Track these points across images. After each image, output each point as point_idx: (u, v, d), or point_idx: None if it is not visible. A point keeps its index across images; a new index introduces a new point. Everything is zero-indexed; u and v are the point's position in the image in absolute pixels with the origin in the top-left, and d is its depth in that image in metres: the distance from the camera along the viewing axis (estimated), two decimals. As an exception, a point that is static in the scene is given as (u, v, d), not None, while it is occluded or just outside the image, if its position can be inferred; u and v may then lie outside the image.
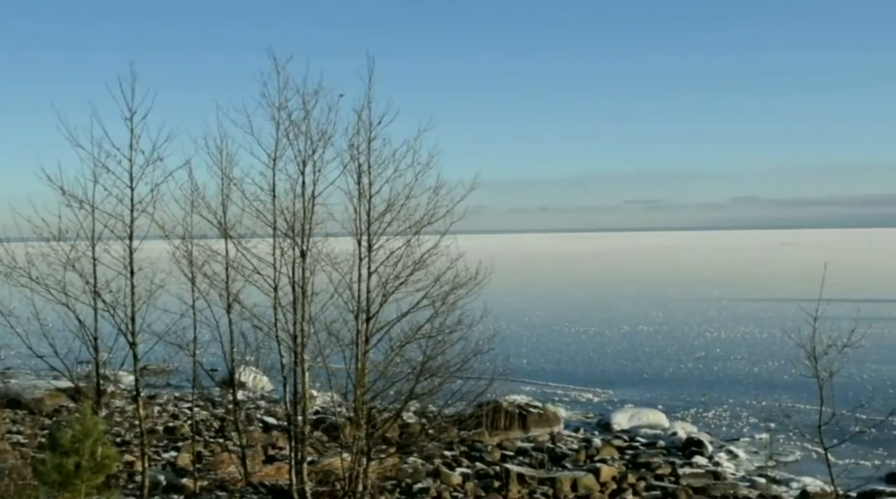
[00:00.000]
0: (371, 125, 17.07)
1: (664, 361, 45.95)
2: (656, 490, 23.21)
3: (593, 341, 53.48)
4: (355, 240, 17.57)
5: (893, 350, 47.42)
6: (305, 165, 17.48)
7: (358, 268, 17.53)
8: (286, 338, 18.12)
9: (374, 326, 17.63)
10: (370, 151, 17.20)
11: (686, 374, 42.22)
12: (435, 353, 17.72)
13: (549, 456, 26.37)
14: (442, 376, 17.91)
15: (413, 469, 23.30)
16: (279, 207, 17.77)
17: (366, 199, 17.33)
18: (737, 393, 36.86)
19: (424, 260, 17.49)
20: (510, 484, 22.32)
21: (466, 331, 18.02)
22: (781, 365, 40.81)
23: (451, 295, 17.61)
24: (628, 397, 36.64)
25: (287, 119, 17.42)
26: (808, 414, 26.38)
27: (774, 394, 34.27)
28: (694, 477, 24.62)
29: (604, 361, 46.33)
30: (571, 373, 42.71)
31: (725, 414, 33.58)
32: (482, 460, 25.99)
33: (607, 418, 32.32)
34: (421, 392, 18.19)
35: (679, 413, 33.71)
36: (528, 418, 30.86)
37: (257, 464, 22.40)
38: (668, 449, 28.48)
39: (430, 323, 17.63)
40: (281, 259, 17.95)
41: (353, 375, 17.74)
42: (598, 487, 22.99)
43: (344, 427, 19.82)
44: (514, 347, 45.93)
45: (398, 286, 17.53)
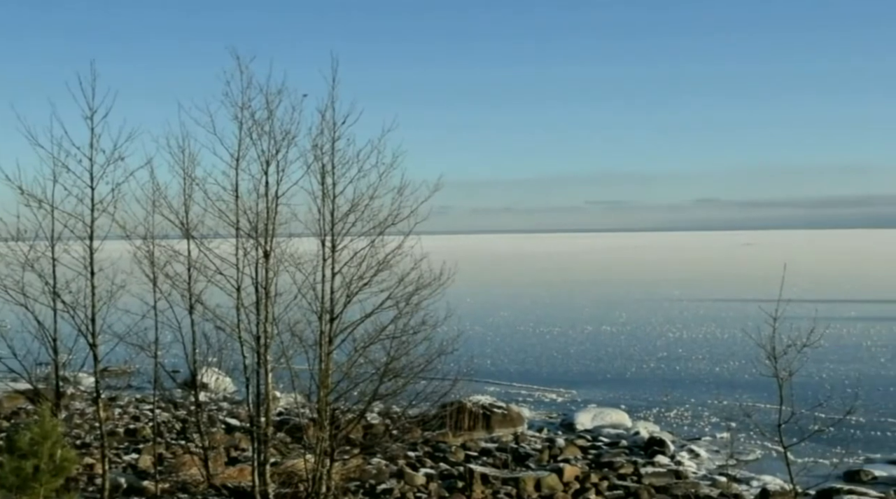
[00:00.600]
0: (335, 125, 17.02)
1: (627, 361, 46.26)
2: (619, 490, 23.35)
3: (557, 342, 53.71)
4: (319, 240, 17.50)
5: (851, 350, 48.12)
6: (269, 165, 17.38)
7: (322, 268, 17.46)
8: (249, 339, 18.00)
9: (337, 326, 17.57)
10: (334, 152, 17.15)
11: (648, 374, 42.54)
12: (399, 353, 17.70)
13: (513, 456, 26.44)
14: (406, 376, 17.89)
15: (377, 470, 23.25)
16: (242, 207, 17.65)
17: (329, 199, 17.27)
18: (698, 393, 37.20)
19: (388, 261, 17.47)
20: (474, 484, 22.35)
21: (430, 332, 18.02)
22: (742, 365, 41.24)
23: (415, 296, 17.60)
24: (591, 396, 36.84)
25: (250, 119, 17.32)
26: (768, 413, 26.67)
27: (735, 393, 34.63)
28: (656, 476, 24.81)
29: (567, 361, 46.55)
30: (535, 373, 42.87)
31: (687, 413, 33.87)
32: (446, 461, 26.00)
33: (571, 418, 32.47)
34: (385, 393, 18.16)
35: (641, 413, 33.95)
36: (491, 419, 30.93)
37: (220, 466, 22.24)
38: (630, 448, 28.68)
39: (394, 324, 17.61)
40: (244, 260, 17.83)
41: (317, 376, 17.66)
42: (562, 486, 23.08)
43: (307, 428, 19.74)
44: (478, 348, 46.03)
45: (362, 287, 17.48)
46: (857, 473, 25.26)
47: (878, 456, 27.46)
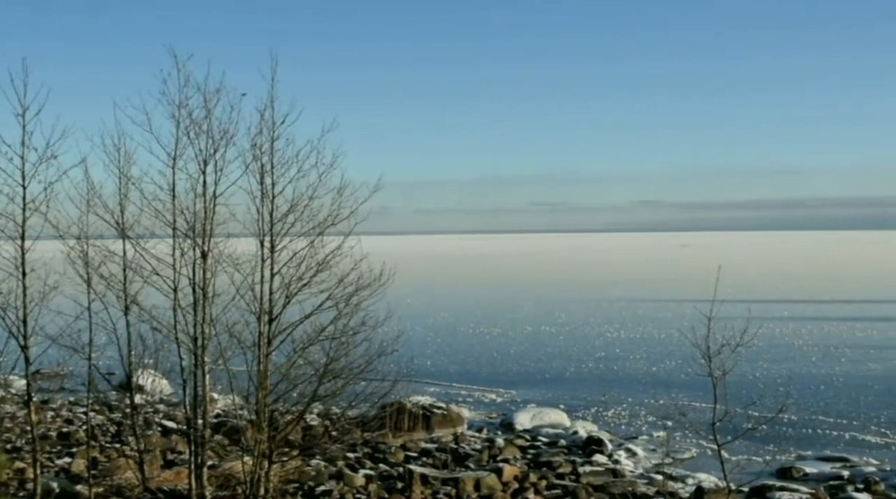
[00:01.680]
0: (274, 125, 16.88)
1: (566, 361, 46.66)
2: (557, 489, 23.54)
3: (497, 342, 53.96)
4: (258, 241, 17.34)
5: (784, 349, 49.14)
6: (207, 165, 17.18)
7: (260, 269, 17.31)
8: (186, 340, 17.78)
9: (276, 327, 17.43)
10: (273, 151, 17.01)
11: (587, 374, 42.96)
12: (338, 354, 17.61)
13: (453, 456, 26.52)
14: (345, 377, 17.81)
15: (316, 471, 23.14)
16: (179, 207, 17.43)
17: (269, 199, 17.12)
18: (636, 392, 37.67)
19: (328, 261, 17.37)
20: (413, 485, 22.36)
21: (370, 332, 17.97)
22: (678, 364, 41.87)
23: (354, 296, 17.53)
24: (531, 396, 37.10)
25: (188, 117, 17.11)
26: (703, 412, 27.16)
27: (671, 393, 35.16)
28: (594, 475, 25.06)
29: (507, 361, 46.80)
30: (475, 374, 43.03)
31: (625, 413, 34.28)
32: (386, 462, 25.98)
33: (510, 418, 32.66)
34: (324, 394, 18.06)
35: (580, 412, 34.27)
36: (431, 419, 30.97)
37: (155, 469, 21.93)
38: (569, 448, 28.94)
39: (334, 324, 17.52)
40: (181, 260, 17.61)
41: (255, 377, 17.51)
42: (501, 486, 23.19)
43: (245, 430, 19.55)
44: (418, 349, 46.04)
45: (301, 287, 17.37)
46: (789, 470, 25.82)
47: (809, 453, 28.09)
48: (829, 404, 35.26)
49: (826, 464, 26.85)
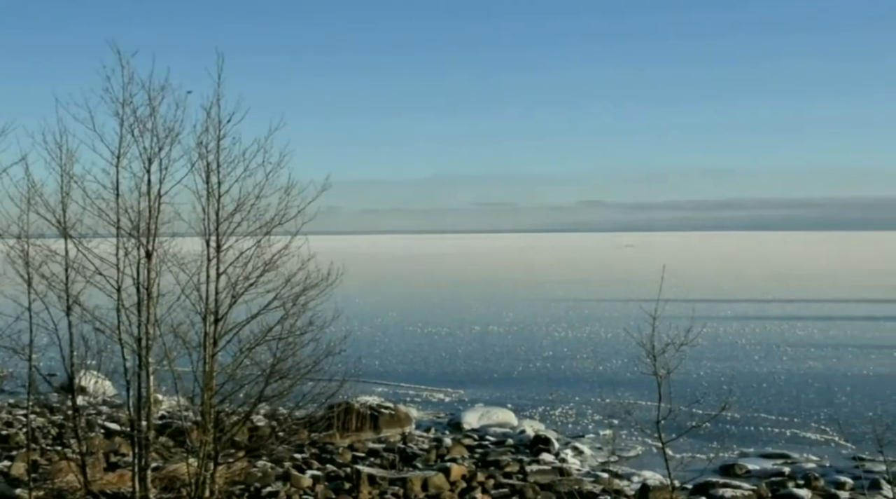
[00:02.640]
0: (220, 123, 16.72)
1: (513, 360, 46.89)
2: (505, 488, 23.64)
3: (445, 342, 54.04)
4: (203, 240, 17.16)
5: (727, 348, 49.92)
6: (151, 163, 16.96)
7: (206, 269, 17.13)
8: (130, 341, 17.53)
9: (222, 328, 17.27)
10: (219, 150, 16.84)
11: (534, 373, 43.21)
12: (285, 354, 17.51)
13: (401, 456, 26.50)
14: (292, 377, 17.72)
15: (262, 473, 22.97)
16: (123, 206, 17.18)
17: (215, 198, 16.95)
18: (582, 391, 37.98)
19: (275, 261, 17.26)
20: (361, 485, 22.30)
21: (318, 332, 17.89)
22: (624, 363, 42.30)
23: (302, 296, 17.43)
24: (479, 396, 37.21)
25: (132, 115, 16.87)
26: (648, 410, 27.49)
27: (618, 391, 35.46)
28: (541, 474, 25.22)
29: (455, 361, 46.89)
30: (423, 373, 43.04)
31: (571, 412, 34.55)
32: (333, 462, 25.87)
33: (458, 418, 32.73)
34: (271, 394, 17.94)
35: (527, 411, 34.47)
36: (379, 419, 30.90)
37: (98, 472, 21.58)
38: (516, 447, 29.08)
39: (281, 325, 17.41)
40: (125, 260, 17.36)
41: (201, 378, 17.33)
42: (448, 486, 23.23)
43: (191, 431, 19.33)
44: (366, 349, 45.91)
45: (248, 287, 17.23)
46: (732, 467, 26.24)
47: (752, 450, 28.58)
48: (771, 401, 35.89)
49: (768, 461, 27.33)
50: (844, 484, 24.76)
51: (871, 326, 60.70)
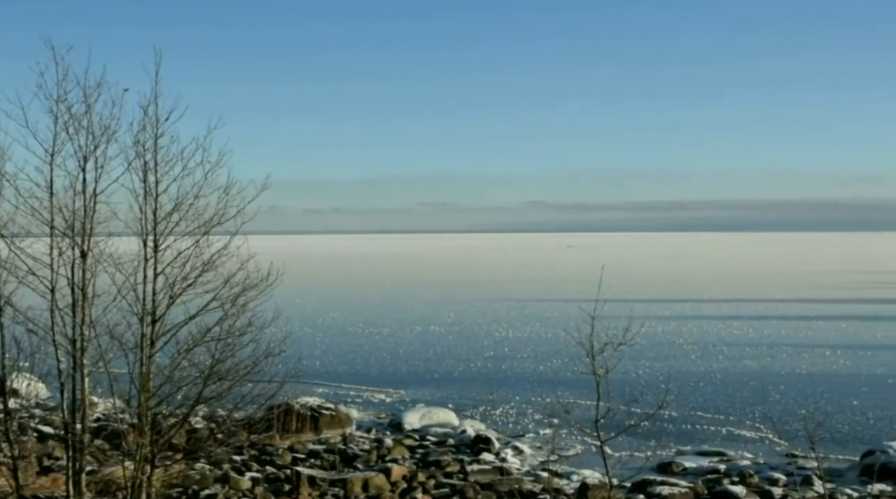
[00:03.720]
0: (158, 121, 16.45)
1: (455, 360, 47.01)
2: (445, 488, 23.70)
3: (386, 342, 53.98)
4: (140, 240, 16.89)
5: (665, 347, 50.64)
6: (86, 161, 16.63)
7: (143, 269, 16.86)
8: (65, 342, 17.19)
9: (160, 329, 17.01)
10: (157, 148, 16.57)
11: (476, 373, 43.37)
12: (224, 355, 17.30)
13: (341, 457, 26.41)
14: (231, 379, 17.52)
15: (200, 475, 22.73)
16: (57, 205, 16.83)
17: (152, 197, 16.69)
18: (523, 391, 38.22)
19: (214, 261, 17.04)
20: (301, 487, 22.19)
21: (257, 333, 17.71)
22: (564, 363, 42.67)
23: (241, 297, 17.24)
24: (420, 396, 37.24)
25: (66, 113, 16.52)
26: (588, 409, 27.72)
27: (558, 391, 35.74)
28: (481, 473, 25.32)
29: (396, 361, 46.87)
30: (364, 374, 42.95)
31: (512, 411, 34.75)
32: (273, 464, 25.69)
33: (399, 418, 32.72)
34: (209, 396, 17.71)
35: (468, 411, 34.59)
36: (320, 420, 30.77)
37: (31, 476, 21.15)
38: (457, 447, 29.17)
39: (220, 325, 17.20)
40: (59, 260, 17.01)
41: (138, 380, 17.07)
42: (389, 486, 23.23)
43: (127, 434, 19.03)
44: (306, 349, 45.67)
45: (186, 288, 16.99)
46: (669, 464, 26.64)
47: (689, 448, 29.05)
48: (708, 400, 36.50)
49: (704, 458, 27.81)
50: (778, 480, 25.30)
51: (804, 326, 62.05)
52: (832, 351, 49.59)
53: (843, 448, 28.76)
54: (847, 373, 42.95)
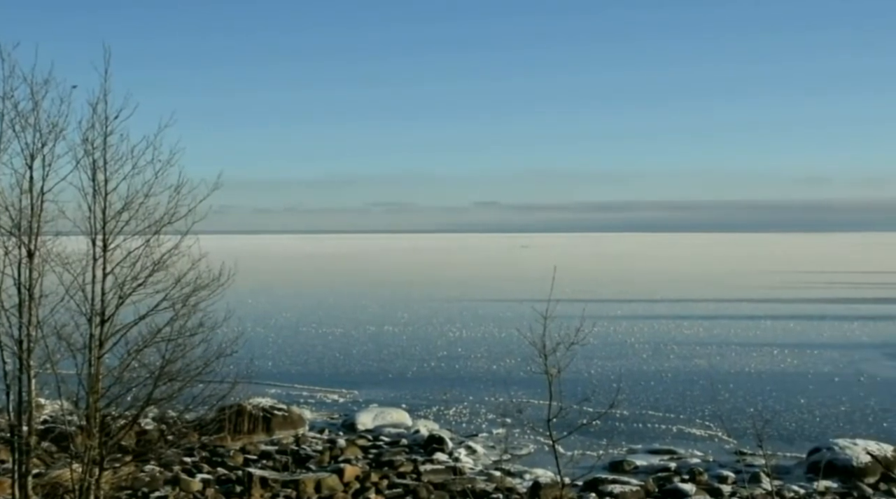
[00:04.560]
0: (108, 119, 16.23)
1: (408, 360, 46.98)
2: (398, 488, 23.69)
3: (339, 342, 53.78)
4: (89, 239, 16.65)
5: (616, 347, 51.08)
6: (34, 159, 16.34)
7: (92, 268, 16.62)
8: (11, 343, 16.88)
9: (109, 329, 16.78)
10: (106, 147, 16.35)
11: (429, 373, 43.39)
12: (175, 356, 17.12)
13: (294, 458, 26.26)
14: (182, 379, 17.33)
15: (150, 477, 22.47)
16: (3, 204, 16.51)
17: (101, 196, 16.45)
18: (476, 390, 38.31)
19: (165, 261, 16.85)
20: (253, 488, 22.04)
21: (208, 333, 17.55)
22: (517, 363, 42.85)
23: (192, 297, 17.07)
24: (373, 396, 37.16)
25: (13, 109, 16.22)
26: (540, 409, 27.85)
27: (511, 390, 35.82)
28: (435, 473, 25.35)
29: (349, 362, 46.72)
30: (317, 374, 42.76)
31: (465, 411, 34.81)
32: (224, 465, 25.48)
33: (352, 419, 32.62)
34: (160, 397, 17.51)
35: (422, 411, 34.59)
36: (272, 421, 30.57)
37: (-25, 480, 20.75)
38: (410, 447, 29.16)
39: (171, 326, 17.01)
40: (5, 259, 16.71)
41: (86, 381, 16.83)
42: (342, 487, 23.16)
43: (75, 436, 18.76)
44: (259, 350, 45.36)
45: (136, 288, 16.78)
46: (621, 463, 26.88)
47: (640, 447, 29.33)
48: (658, 399, 36.89)
49: (655, 457, 28.10)
50: (727, 478, 25.65)
51: (752, 326, 62.97)
52: (780, 350, 50.41)
53: (791, 446, 29.24)
54: (794, 372, 43.68)
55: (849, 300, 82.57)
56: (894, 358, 47.90)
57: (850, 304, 79.08)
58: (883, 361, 46.75)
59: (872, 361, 46.90)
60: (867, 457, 25.88)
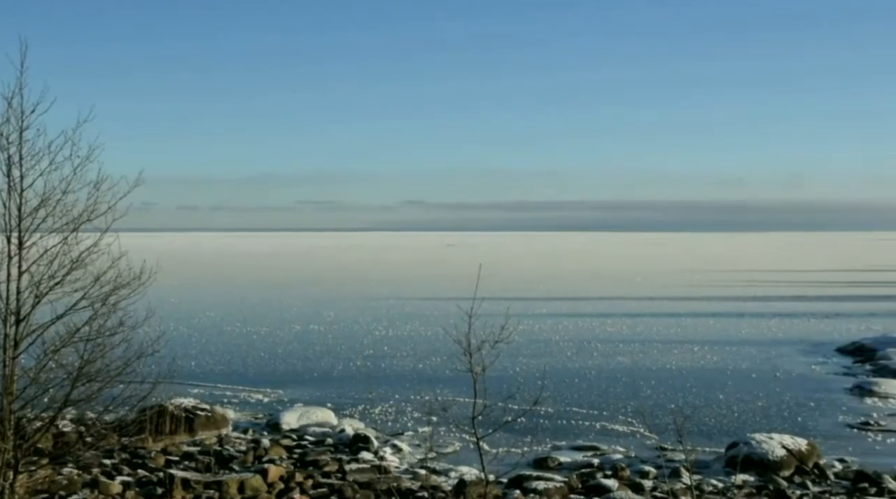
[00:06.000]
0: (23, 114, 15.85)
1: (334, 359, 46.77)
2: (323, 488, 23.59)
3: (264, 342, 53.28)
4: (4, 237, 16.24)
5: (541, 345, 51.59)
6: (-57, 154, 15.89)
7: (7, 267, 16.22)
8: (-80, 344, 16.38)
9: (25, 329, 16.39)
10: (22, 142, 15.97)
11: (355, 371, 43.26)
12: (94, 356, 16.80)
13: (217, 459, 25.97)
14: (101, 380, 17.02)
15: (68, 480, 22.01)
16: (-88, 200, 16.01)
17: (16, 193, 16.06)
18: (402, 389, 38.32)
19: (83, 259, 16.53)
20: (174, 490, 21.73)
21: (129, 333, 17.27)
22: (443, 361, 43.00)
23: (112, 296, 16.77)
24: (298, 396, 36.92)
25: (-78, 103, 15.75)
26: (465, 406, 28.04)
27: (436, 388, 35.98)
28: (360, 472, 25.31)
29: (274, 361, 46.33)
30: (241, 374, 42.31)
31: (391, 410, 34.81)
32: (145, 467, 25.07)
33: (277, 418, 32.36)
34: (78, 398, 17.17)
35: (347, 410, 34.48)
36: (195, 421, 30.16)
37: None
38: (336, 446, 29.06)
39: (89, 325, 16.69)
40: (-86, 257, 16.20)
41: (0, 382, 16.41)
42: (266, 487, 22.97)
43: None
44: (181, 349, 44.70)
45: (53, 286, 16.42)
46: (545, 459, 27.17)
47: (564, 443, 29.68)
48: (582, 395, 37.37)
49: (579, 453, 28.47)
50: (648, 473, 26.11)
51: (674, 323, 64.21)
52: (700, 347, 51.49)
53: (710, 440, 29.89)
54: (713, 368, 44.66)
55: (766, 298, 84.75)
56: (809, 354, 49.31)
57: (767, 301, 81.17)
58: (798, 358, 48.09)
59: (788, 357, 48.22)
60: (782, 451, 26.60)
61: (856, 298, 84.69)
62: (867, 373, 43.32)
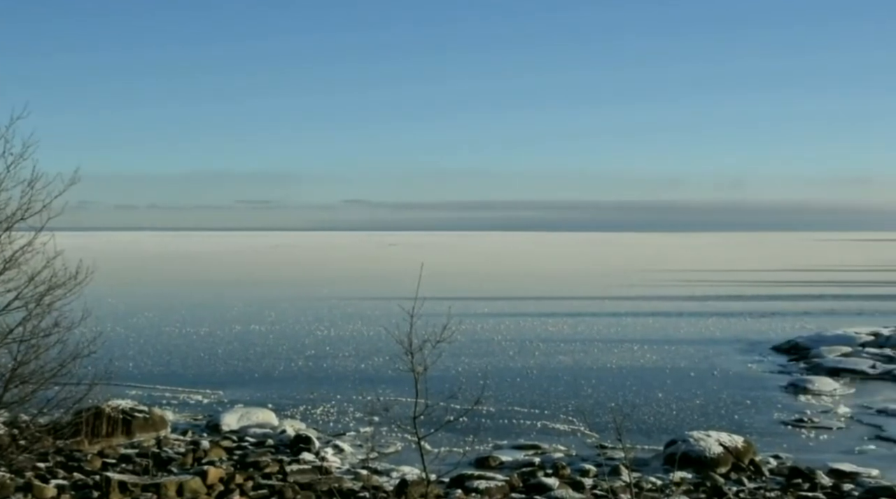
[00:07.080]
0: (-45, 110, 15.50)
1: (275, 360, 46.43)
2: (264, 489, 23.40)
3: (204, 342, 52.68)
4: (-66, 236, 15.85)
5: (483, 344, 51.78)
6: None
7: (-63, 267, 15.83)
8: None
9: (-45, 330, 16.02)
10: (-47, 138, 15.60)
11: (296, 372, 43.00)
12: (28, 358, 16.49)
13: (155, 461, 25.61)
14: (35, 382, 16.70)
15: (1, 485, 21.50)
16: None
17: (-53, 190, 15.70)
18: (344, 389, 38.18)
19: (17, 258, 16.22)
20: (111, 493, 21.38)
21: (64, 334, 16.97)
22: (385, 361, 42.94)
23: (47, 296, 16.49)
24: (238, 396, 36.57)
25: None
26: (407, 406, 28.04)
27: (378, 389, 35.96)
28: (301, 473, 25.16)
29: (214, 361, 45.84)
30: (181, 374, 41.78)
31: (333, 410, 34.66)
32: (81, 470, 24.63)
33: (217, 419, 32.02)
34: (11, 401, 16.83)
35: (289, 411, 34.25)
36: (132, 423, 29.71)
37: None
38: (276, 447, 28.85)
39: (23, 326, 16.39)
40: None
41: (-70, 385, 16.00)
42: (206, 489, 22.72)
43: (-83, 443, 17.80)
44: (119, 350, 44.02)
45: (-15, 287, 16.08)
46: (487, 459, 27.29)
47: (505, 442, 29.83)
48: (524, 395, 37.59)
49: (520, 452, 28.64)
50: (588, 471, 26.37)
51: (614, 322, 64.93)
52: (639, 346, 52.14)
53: (648, 439, 30.29)
54: (652, 367, 45.26)
55: (703, 297, 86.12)
56: (746, 353, 50.24)
57: (705, 301, 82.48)
58: (735, 356, 48.96)
59: (725, 355, 49.07)
60: (720, 448, 27.06)
61: (791, 298, 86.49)
62: (801, 371, 44.29)
